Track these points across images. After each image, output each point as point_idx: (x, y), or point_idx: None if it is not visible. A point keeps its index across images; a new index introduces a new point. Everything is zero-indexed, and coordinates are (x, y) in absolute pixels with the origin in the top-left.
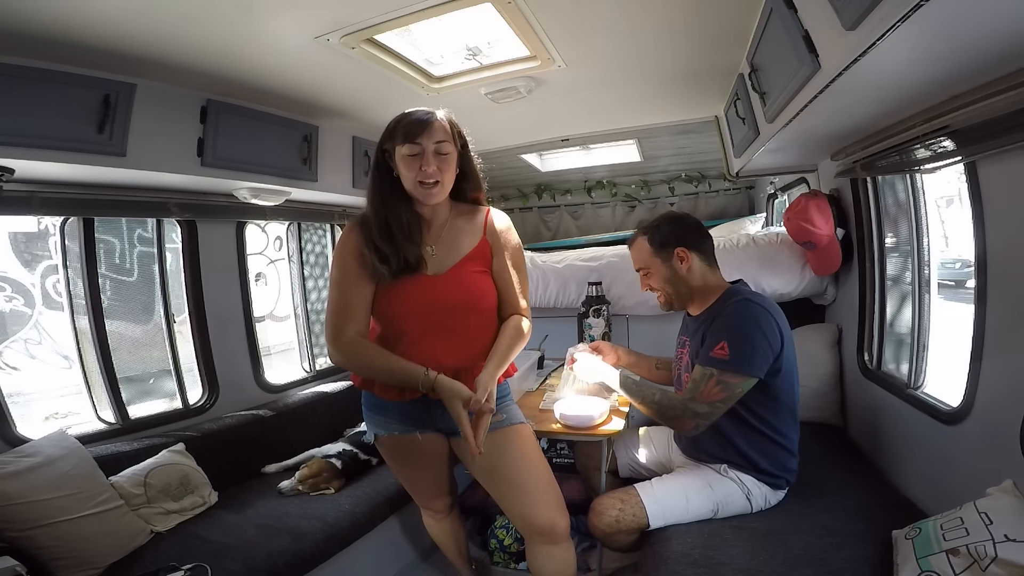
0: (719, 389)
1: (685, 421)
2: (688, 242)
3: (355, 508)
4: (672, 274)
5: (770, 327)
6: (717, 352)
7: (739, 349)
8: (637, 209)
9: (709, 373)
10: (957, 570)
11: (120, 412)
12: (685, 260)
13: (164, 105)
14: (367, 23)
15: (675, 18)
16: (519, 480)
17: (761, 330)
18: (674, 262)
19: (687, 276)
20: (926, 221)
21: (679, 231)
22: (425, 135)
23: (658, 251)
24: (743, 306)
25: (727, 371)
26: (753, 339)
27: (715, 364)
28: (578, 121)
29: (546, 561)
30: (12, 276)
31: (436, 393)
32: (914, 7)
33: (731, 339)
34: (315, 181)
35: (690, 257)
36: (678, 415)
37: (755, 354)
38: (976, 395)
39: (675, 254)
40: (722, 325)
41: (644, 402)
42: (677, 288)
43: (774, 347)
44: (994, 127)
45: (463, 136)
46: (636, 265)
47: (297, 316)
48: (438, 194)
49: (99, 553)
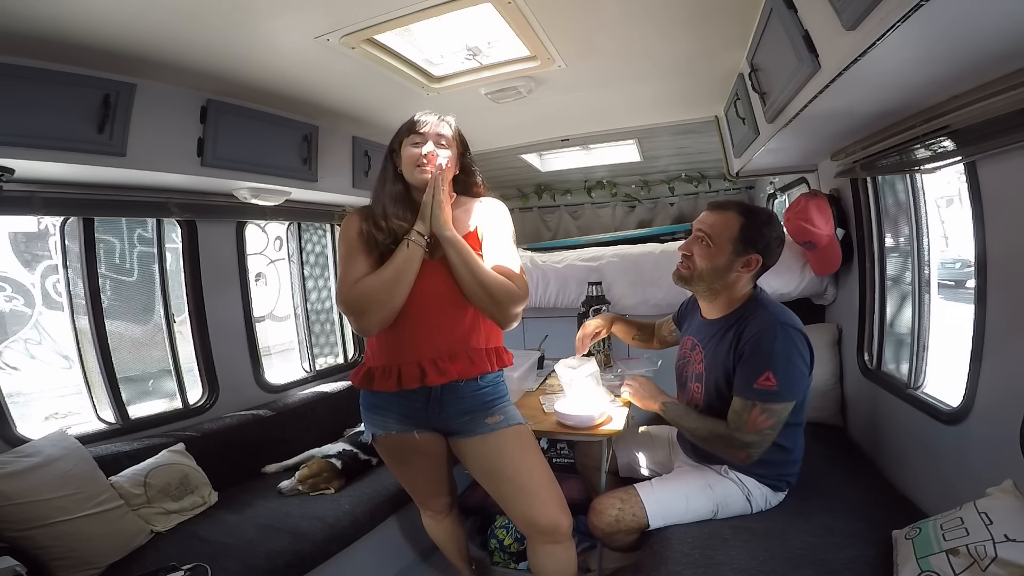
0: (765, 417)
1: (736, 452)
2: (769, 254)
3: (355, 508)
4: (727, 267)
5: (806, 351)
6: (763, 383)
7: (786, 379)
8: (637, 209)
9: (751, 404)
10: (957, 570)
11: (120, 412)
12: (750, 268)
13: (164, 105)
14: (367, 23)
15: (675, 18)
16: (521, 480)
17: (802, 357)
18: (740, 261)
19: (734, 280)
20: (926, 221)
21: (771, 240)
22: (428, 128)
23: (740, 240)
24: (783, 332)
25: (775, 401)
26: (798, 366)
27: (761, 396)
28: (578, 121)
29: (548, 560)
30: (12, 276)
31: (422, 231)
32: (914, 7)
33: (776, 369)
34: (315, 181)
35: (754, 269)
36: (727, 446)
37: (800, 380)
38: (976, 395)
39: (750, 257)
40: (762, 353)
41: (694, 436)
42: (713, 281)
43: (810, 370)
44: (994, 127)
45: (466, 144)
46: (705, 229)
47: (297, 316)
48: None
49: (99, 553)
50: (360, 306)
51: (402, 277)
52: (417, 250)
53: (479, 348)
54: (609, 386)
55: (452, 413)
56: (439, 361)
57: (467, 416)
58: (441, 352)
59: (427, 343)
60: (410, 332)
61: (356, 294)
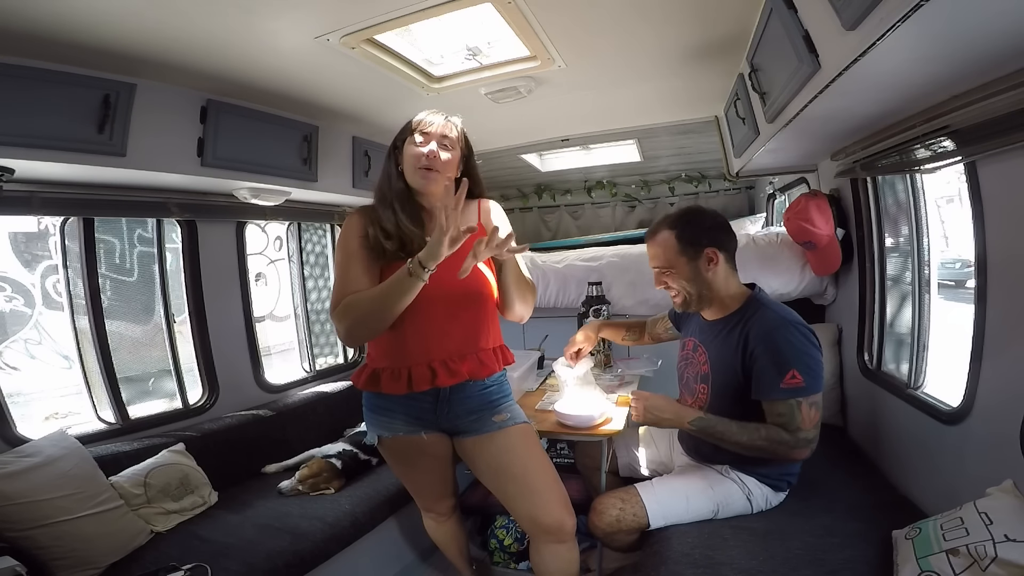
0: (814, 411)
1: (801, 451)
2: (719, 242)
3: (355, 508)
4: (696, 275)
5: (815, 341)
6: (790, 382)
7: (809, 373)
8: (637, 209)
9: (796, 403)
10: (957, 570)
11: (120, 412)
12: (714, 261)
13: (164, 105)
14: (367, 23)
15: (675, 18)
16: (526, 479)
17: (815, 346)
18: (701, 262)
19: (711, 278)
20: (926, 221)
21: (711, 229)
22: (434, 128)
23: (685, 249)
24: (792, 330)
25: (810, 395)
26: (816, 358)
27: (797, 393)
28: (578, 121)
29: (552, 560)
30: (12, 276)
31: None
32: (914, 7)
33: (800, 366)
34: (315, 181)
35: (719, 259)
36: (792, 446)
37: (820, 370)
38: (976, 395)
39: (704, 254)
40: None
41: (742, 447)
42: (700, 290)
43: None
44: (994, 127)
45: (471, 146)
46: (656, 262)
47: (297, 316)
48: (435, 181)
49: (99, 553)
50: (346, 325)
51: (396, 307)
52: (418, 283)
53: (487, 348)
54: (608, 386)
55: (460, 412)
56: (449, 362)
57: (475, 415)
58: (451, 353)
59: (436, 344)
60: (418, 334)
61: (347, 313)
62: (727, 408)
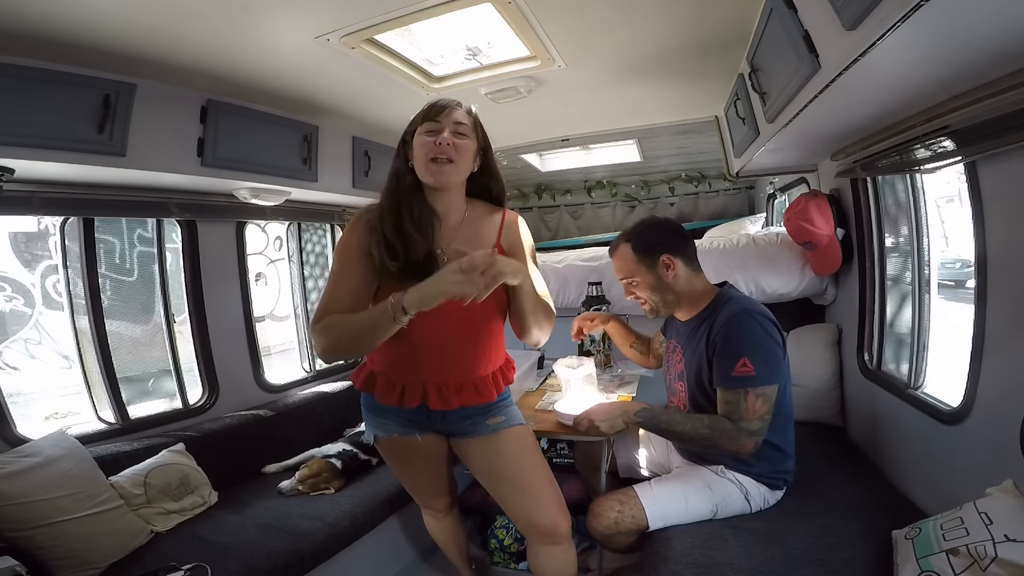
0: (761, 402)
1: (744, 443)
2: (672, 247)
3: (355, 508)
4: (658, 282)
5: (776, 334)
6: (740, 370)
7: (762, 362)
8: (637, 209)
9: (743, 392)
10: (957, 570)
11: (120, 412)
12: (671, 267)
13: (164, 105)
14: (367, 23)
15: (675, 18)
16: (521, 481)
17: (773, 338)
18: (659, 269)
19: (673, 283)
20: (926, 221)
21: (663, 237)
22: (445, 115)
23: (643, 258)
24: (749, 318)
25: (759, 385)
26: (771, 348)
27: (745, 382)
28: (578, 121)
29: (548, 561)
30: (12, 276)
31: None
32: (914, 7)
33: (751, 354)
34: (315, 181)
35: (675, 263)
36: (734, 437)
37: (775, 362)
38: (976, 395)
39: (660, 261)
40: (734, 340)
41: (686, 437)
42: (664, 296)
43: (783, 352)
44: (994, 127)
45: (487, 139)
46: (620, 275)
47: (297, 316)
48: (450, 174)
49: (99, 553)
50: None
51: (375, 341)
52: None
53: (486, 375)
54: (608, 386)
55: (455, 418)
56: (444, 389)
57: (469, 420)
58: (446, 380)
59: (432, 368)
60: (417, 352)
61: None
62: (702, 403)
